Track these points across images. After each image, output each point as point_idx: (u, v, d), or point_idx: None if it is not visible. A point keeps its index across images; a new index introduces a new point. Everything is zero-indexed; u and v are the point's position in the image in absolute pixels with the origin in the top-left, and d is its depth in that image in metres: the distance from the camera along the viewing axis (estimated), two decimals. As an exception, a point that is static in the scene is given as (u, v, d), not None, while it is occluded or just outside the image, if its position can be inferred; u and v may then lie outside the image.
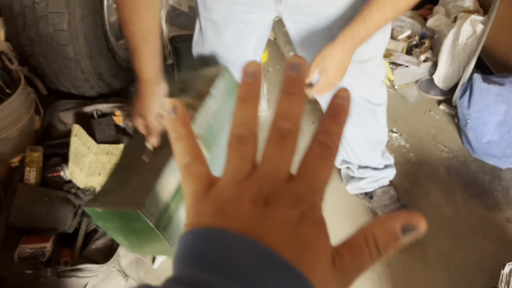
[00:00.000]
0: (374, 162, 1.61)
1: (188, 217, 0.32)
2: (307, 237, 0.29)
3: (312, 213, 0.30)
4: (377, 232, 0.30)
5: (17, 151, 1.65)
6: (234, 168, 0.32)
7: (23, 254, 1.33)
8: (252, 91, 0.33)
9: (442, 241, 1.60)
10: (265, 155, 0.32)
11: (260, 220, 0.29)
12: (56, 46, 1.62)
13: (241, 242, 0.28)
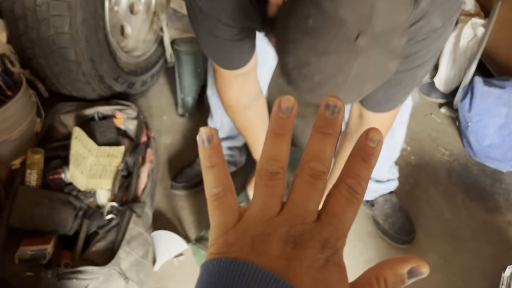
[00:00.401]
0: (379, 176, 1.60)
1: (214, 246, 0.32)
2: (331, 281, 0.31)
3: (336, 257, 0.31)
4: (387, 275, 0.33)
5: (18, 153, 1.66)
6: (264, 204, 0.32)
7: (24, 256, 1.33)
8: (285, 127, 0.33)
9: (442, 244, 1.60)
10: (296, 194, 0.32)
11: (289, 261, 0.29)
12: (58, 49, 1.62)
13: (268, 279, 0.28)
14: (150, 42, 2.18)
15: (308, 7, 0.62)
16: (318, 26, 0.61)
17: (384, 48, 0.63)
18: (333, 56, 0.62)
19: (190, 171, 1.80)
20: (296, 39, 0.64)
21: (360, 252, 1.58)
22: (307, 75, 0.66)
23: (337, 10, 0.59)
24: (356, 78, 0.64)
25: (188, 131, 2.06)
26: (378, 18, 0.59)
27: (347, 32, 0.60)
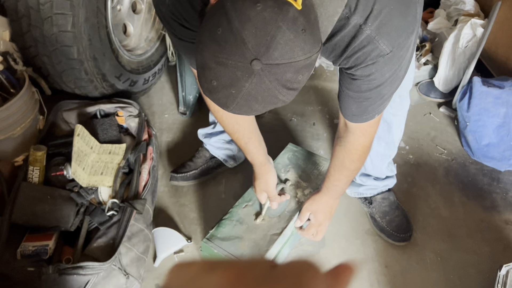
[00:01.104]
0: (378, 173, 1.62)
1: None
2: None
3: None
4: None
5: (21, 150, 1.68)
6: None
7: (26, 251, 1.35)
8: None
9: (439, 243, 1.61)
10: None
11: None
12: (60, 47, 1.64)
13: None
14: (152, 41, 2.20)
15: (221, 18, 0.68)
16: (224, 38, 0.68)
17: (277, 78, 0.69)
18: (230, 69, 0.69)
19: (190, 163, 1.83)
20: (205, 41, 0.71)
21: (357, 249, 1.60)
22: (207, 77, 0.72)
23: (243, 30, 0.66)
24: (248, 95, 0.71)
25: (189, 129, 2.08)
26: (275, 50, 0.66)
27: (246, 52, 0.67)
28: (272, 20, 0.66)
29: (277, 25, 0.66)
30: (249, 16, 0.66)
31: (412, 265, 1.55)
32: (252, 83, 0.69)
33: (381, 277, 1.52)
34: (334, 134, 2.05)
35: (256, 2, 0.66)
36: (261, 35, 0.66)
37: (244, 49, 0.67)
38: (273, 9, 0.66)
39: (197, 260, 0.36)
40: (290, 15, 0.67)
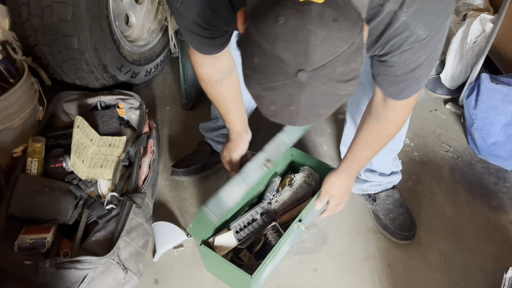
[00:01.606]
0: (383, 168, 1.59)
1: None
2: None
3: None
4: None
5: (20, 141, 1.65)
6: None
7: (23, 244, 1.33)
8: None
9: (444, 242, 1.59)
10: None
11: None
12: (61, 37, 1.61)
13: None
14: (155, 32, 2.16)
15: (252, 46, 0.67)
16: (262, 64, 0.66)
17: (329, 78, 0.66)
18: (280, 90, 0.67)
19: (191, 158, 1.80)
20: (248, 74, 0.70)
21: (360, 247, 1.57)
22: (264, 105, 0.72)
23: (275, 50, 0.64)
24: (308, 106, 0.69)
25: (191, 122, 2.05)
26: (315, 53, 0.64)
27: (287, 69, 0.65)
28: (299, 27, 0.63)
29: (305, 29, 0.63)
30: (275, 34, 0.64)
31: (415, 265, 1.53)
32: (307, 93, 0.66)
33: (383, 276, 1.49)
34: (338, 129, 2.02)
35: (277, 17, 0.64)
36: (294, 46, 0.64)
37: (284, 66, 0.65)
38: (295, 16, 0.63)
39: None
40: (314, 13, 0.63)
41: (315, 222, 1.65)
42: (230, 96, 1.31)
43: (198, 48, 1.11)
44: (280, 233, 1.46)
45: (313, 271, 1.51)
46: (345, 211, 1.68)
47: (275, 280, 1.48)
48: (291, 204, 1.59)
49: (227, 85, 1.28)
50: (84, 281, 1.29)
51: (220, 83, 1.25)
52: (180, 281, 1.48)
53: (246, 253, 1.46)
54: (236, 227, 1.48)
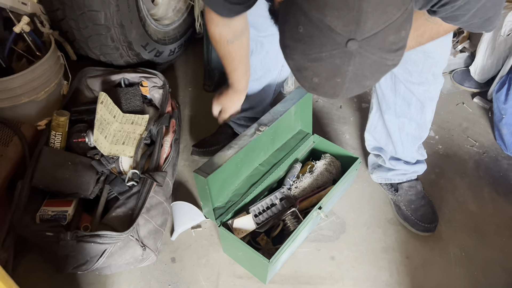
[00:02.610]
0: (408, 156, 1.56)
1: None
2: None
3: None
4: None
5: (44, 115, 1.67)
6: None
7: (45, 216, 1.35)
8: None
9: (465, 238, 1.56)
10: None
11: None
12: (88, 11, 1.61)
13: None
14: (180, 11, 2.14)
15: (297, 15, 0.63)
16: (308, 33, 0.62)
17: (379, 47, 0.63)
18: (326, 61, 0.64)
19: (212, 139, 1.80)
20: (290, 45, 0.67)
21: (379, 238, 1.55)
22: (307, 77, 0.68)
23: (324, 18, 0.60)
24: (355, 77, 0.65)
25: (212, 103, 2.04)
26: (367, 21, 0.60)
27: (337, 38, 0.61)
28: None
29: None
30: (324, 1, 0.60)
31: (435, 258, 1.50)
32: (355, 64, 0.63)
33: (401, 268, 1.47)
34: (361, 118, 1.99)
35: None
36: (345, 13, 0.60)
37: (333, 35, 0.61)
38: None
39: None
40: None
41: (334, 211, 1.63)
42: (239, 56, 1.31)
43: (217, 9, 1.09)
44: (299, 219, 1.45)
45: (330, 259, 1.49)
46: (365, 201, 1.66)
47: (292, 266, 1.47)
48: (311, 191, 1.57)
49: (238, 46, 1.26)
50: (103, 255, 1.31)
51: (231, 43, 1.24)
52: (196, 261, 1.48)
53: (263, 237, 1.45)
54: (255, 211, 1.47)
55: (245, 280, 1.43)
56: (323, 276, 1.45)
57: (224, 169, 1.34)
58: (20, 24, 1.62)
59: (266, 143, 1.55)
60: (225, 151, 1.35)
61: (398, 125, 1.46)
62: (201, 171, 1.27)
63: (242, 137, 1.40)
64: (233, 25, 1.19)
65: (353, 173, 1.58)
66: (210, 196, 1.34)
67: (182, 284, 1.42)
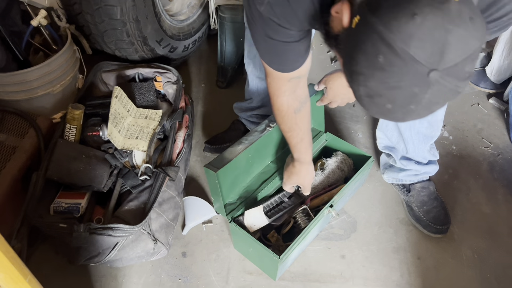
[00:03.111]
0: (419, 156, 1.54)
1: None
2: None
3: None
4: None
5: (60, 108, 1.69)
6: None
7: (59, 208, 1.37)
8: None
9: (478, 240, 1.54)
10: None
11: None
12: (104, 6, 1.62)
13: None
14: (195, 7, 2.15)
15: (377, 44, 0.63)
16: (389, 63, 0.63)
17: (456, 77, 0.64)
18: (405, 89, 0.65)
19: (224, 136, 1.80)
20: (366, 73, 0.67)
21: (390, 238, 1.54)
22: (379, 103, 0.69)
23: (409, 49, 0.61)
24: (429, 104, 0.67)
25: (225, 100, 2.04)
26: (450, 53, 0.61)
27: (420, 68, 0.62)
28: (438, 26, 0.61)
29: (445, 28, 0.61)
30: (410, 33, 0.61)
31: (447, 260, 1.49)
32: (433, 92, 0.65)
33: (413, 268, 1.46)
34: (374, 117, 1.98)
35: (413, 15, 0.61)
36: (431, 45, 0.61)
37: (416, 65, 0.62)
38: (434, 14, 0.60)
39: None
40: (453, 11, 0.61)
41: (346, 209, 1.63)
42: (305, 125, 1.29)
43: (281, 63, 1.07)
44: (310, 216, 1.45)
45: (340, 258, 1.49)
46: (377, 200, 1.66)
47: (302, 264, 1.47)
48: (322, 188, 1.57)
49: (304, 115, 1.26)
50: (115, 248, 1.32)
51: (298, 112, 1.23)
52: (207, 256, 1.49)
53: (274, 234, 1.45)
54: (265, 208, 1.47)
55: (255, 276, 1.44)
56: (333, 275, 1.45)
57: (235, 165, 1.34)
58: (38, 18, 1.64)
59: (278, 140, 1.55)
60: (236, 146, 1.36)
61: (409, 122, 1.45)
62: (212, 166, 1.28)
63: (252, 133, 1.41)
64: (298, 92, 1.19)
65: (365, 172, 1.57)
66: (220, 191, 1.35)
67: (192, 278, 1.43)
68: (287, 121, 1.25)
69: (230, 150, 1.34)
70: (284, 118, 1.24)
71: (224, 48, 2.04)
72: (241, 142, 1.37)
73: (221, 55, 2.06)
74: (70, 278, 1.42)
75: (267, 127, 1.42)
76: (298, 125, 1.27)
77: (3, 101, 1.61)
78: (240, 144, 1.36)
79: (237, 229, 1.37)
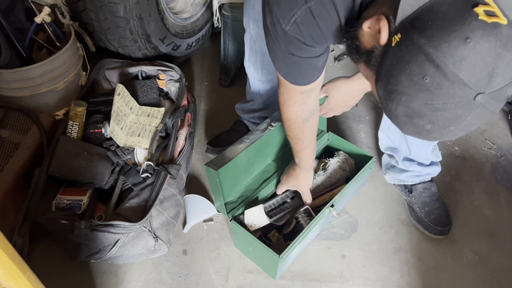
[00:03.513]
0: (422, 157, 1.54)
1: None
2: None
3: None
4: None
5: (63, 105, 1.69)
6: None
7: (61, 204, 1.37)
8: None
9: (479, 242, 1.54)
10: None
11: None
12: (108, 3, 1.62)
13: None
14: (199, 5, 2.15)
15: (425, 65, 0.63)
16: (436, 85, 0.63)
17: (499, 99, 0.65)
18: (449, 111, 0.65)
19: (226, 137, 1.80)
20: (409, 93, 0.66)
21: (391, 238, 1.54)
22: (418, 124, 0.69)
23: (459, 72, 0.61)
24: (468, 125, 0.67)
25: (228, 98, 2.04)
26: (498, 77, 0.62)
27: (467, 91, 0.62)
28: (490, 50, 0.61)
29: (496, 53, 0.61)
30: (462, 56, 0.61)
31: (447, 262, 1.49)
32: (475, 115, 0.65)
33: (413, 270, 1.46)
34: (377, 117, 1.97)
35: (466, 39, 0.60)
36: (481, 69, 0.61)
37: (464, 88, 0.62)
38: (487, 39, 0.60)
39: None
40: (504, 36, 0.61)
41: (347, 209, 1.62)
42: (310, 135, 1.30)
43: (298, 77, 1.06)
44: (311, 216, 1.45)
45: (341, 258, 1.49)
46: (378, 201, 1.65)
47: (302, 263, 1.47)
48: (324, 188, 1.57)
49: (311, 125, 1.26)
50: (116, 245, 1.33)
51: (306, 122, 1.23)
52: (207, 254, 1.49)
53: (275, 233, 1.46)
54: (267, 208, 1.48)
55: (255, 275, 1.44)
56: (333, 274, 1.45)
57: (236, 164, 1.34)
58: (42, 15, 1.65)
59: (279, 139, 1.55)
60: (237, 145, 1.36)
61: None
62: (213, 164, 1.28)
63: (254, 132, 1.41)
64: (309, 102, 1.19)
65: (367, 172, 1.57)
66: (221, 189, 1.35)
67: (192, 276, 1.43)
68: (294, 130, 1.26)
69: (231, 149, 1.34)
70: (291, 126, 1.24)
71: (227, 47, 2.04)
72: (243, 141, 1.38)
73: (224, 54, 2.06)
74: (71, 274, 1.43)
75: (268, 126, 1.42)
76: (304, 134, 1.27)
77: (6, 97, 1.62)
78: (241, 143, 1.37)
79: (237, 227, 1.37)
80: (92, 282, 1.42)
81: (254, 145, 1.38)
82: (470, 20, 0.61)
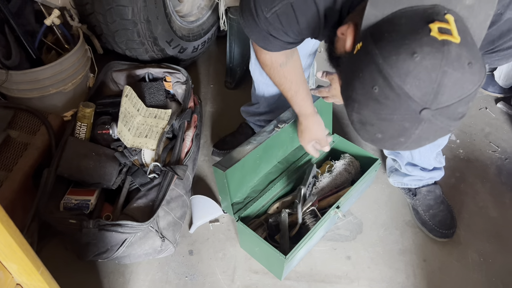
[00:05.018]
0: (425, 163, 1.55)
1: None
2: None
3: None
4: None
5: (71, 106, 1.71)
6: None
7: (69, 204, 1.39)
8: None
9: (485, 243, 1.54)
10: None
11: None
12: (116, 6, 1.64)
13: None
14: (205, 9, 2.17)
15: (374, 75, 0.64)
16: (384, 95, 0.64)
17: (449, 117, 0.65)
18: (396, 123, 0.66)
19: (232, 139, 1.81)
20: (360, 100, 0.68)
21: (396, 240, 1.55)
22: (370, 131, 0.71)
23: (404, 85, 0.62)
24: (418, 139, 0.68)
25: (233, 100, 2.06)
26: (444, 94, 0.62)
27: (412, 105, 0.63)
28: (435, 67, 0.61)
29: (442, 70, 0.61)
30: (408, 70, 0.62)
31: (452, 263, 1.49)
32: (423, 129, 0.66)
33: (418, 271, 1.47)
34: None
35: (413, 53, 0.61)
36: (426, 85, 0.62)
37: (409, 102, 0.63)
38: (433, 55, 0.61)
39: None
40: (452, 54, 0.61)
41: (352, 211, 1.63)
42: (295, 77, 1.26)
43: (267, 47, 1.07)
44: (318, 217, 1.46)
45: (346, 259, 1.50)
46: (383, 202, 1.66)
47: (308, 264, 1.48)
48: (329, 190, 1.58)
49: (291, 67, 1.24)
50: (124, 244, 1.34)
51: (285, 65, 1.21)
52: (213, 254, 1.50)
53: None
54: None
55: (260, 275, 1.45)
56: (338, 275, 1.45)
57: (243, 165, 1.36)
58: (51, 17, 1.67)
59: (286, 141, 1.56)
60: (244, 146, 1.37)
61: None
62: (220, 165, 1.30)
63: (261, 133, 1.42)
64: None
65: (372, 174, 1.58)
66: (228, 190, 1.36)
67: (198, 276, 1.44)
68: (275, 75, 1.24)
69: (238, 150, 1.36)
70: (270, 71, 1.23)
71: (233, 49, 2.05)
72: (250, 142, 1.39)
73: (230, 56, 2.08)
74: (79, 274, 1.44)
75: (275, 127, 1.43)
76: (287, 78, 1.24)
77: (16, 98, 1.64)
78: (248, 144, 1.38)
79: (244, 228, 1.38)
80: (99, 281, 1.43)
81: (261, 146, 1.39)
82: (422, 35, 0.62)
